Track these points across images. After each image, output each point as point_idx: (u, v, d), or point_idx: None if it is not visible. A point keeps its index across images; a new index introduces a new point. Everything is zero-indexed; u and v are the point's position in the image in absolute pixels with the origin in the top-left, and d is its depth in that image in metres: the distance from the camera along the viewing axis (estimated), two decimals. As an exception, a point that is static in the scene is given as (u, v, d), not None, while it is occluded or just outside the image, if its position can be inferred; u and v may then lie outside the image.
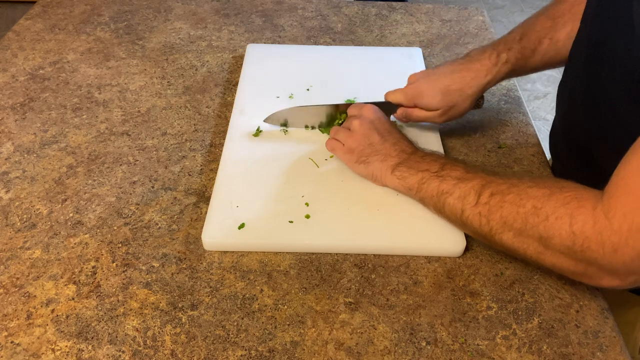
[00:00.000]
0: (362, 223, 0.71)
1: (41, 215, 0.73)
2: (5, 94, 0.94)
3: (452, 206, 0.66)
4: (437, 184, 0.68)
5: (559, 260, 0.58)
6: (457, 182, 0.66)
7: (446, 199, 0.66)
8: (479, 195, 0.63)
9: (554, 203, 0.57)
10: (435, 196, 0.67)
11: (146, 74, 1.01)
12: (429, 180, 0.69)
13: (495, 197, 0.62)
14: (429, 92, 0.80)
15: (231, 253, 0.69)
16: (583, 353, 0.60)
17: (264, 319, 0.62)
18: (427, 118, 0.82)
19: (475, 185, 0.64)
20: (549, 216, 0.57)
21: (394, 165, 0.73)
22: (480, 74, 0.80)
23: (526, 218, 0.59)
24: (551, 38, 0.80)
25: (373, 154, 0.75)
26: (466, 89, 0.80)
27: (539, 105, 2.45)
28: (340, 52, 1.06)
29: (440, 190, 0.67)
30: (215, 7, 1.22)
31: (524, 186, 0.61)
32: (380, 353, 0.59)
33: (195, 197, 0.76)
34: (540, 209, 0.58)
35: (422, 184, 0.69)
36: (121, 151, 0.84)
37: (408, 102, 0.82)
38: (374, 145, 0.75)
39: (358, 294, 0.65)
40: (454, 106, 0.80)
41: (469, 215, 0.64)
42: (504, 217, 0.60)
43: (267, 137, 0.85)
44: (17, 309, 0.63)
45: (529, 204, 0.59)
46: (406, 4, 1.26)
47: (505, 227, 0.61)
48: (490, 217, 0.62)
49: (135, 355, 0.58)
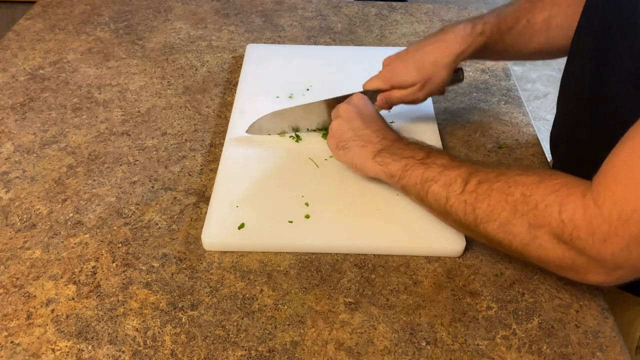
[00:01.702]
0: (361, 223, 0.71)
1: (41, 215, 0.73)
2: (5, 94, 0.94)
3: (436, 194, 0.64)
4: (422, 171, 0.66)
5: (545, 251, 0.57)
6: (442, 169, 0.64)
7: (430, 187, 0.65)
8: (465, 182, 0.62)
9: (543, 190, 0.56)
10: (419, 183, 0.66)
11: (146, 74, 1.01)
12: (413, 167, 0.67)
13: (483, 185, 0.60)
14: (403, 69, 0.80)
15: (231, 253, 0.69)
16: (583, 353, 0.60)
17: (264, 319, 0.62)
18: (407, 96, 0.81)
19: (462, 172, 0.63)
20: (538, 204, 0.56)
21: (375, 152, 0.71)
22: (455, 43, 0.78)
23: (515, 206, 0.57)
24: (528, 20, 0.79)
25: (353, 139, 0.73)
26: (440, 59, 0.78)
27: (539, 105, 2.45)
28: (340, 52, 1.06)
29: (425, 177, 0.65)
30: (215, 7, 1.22)
31: (512, 174, 0.60)
32: (380, 353, 0.59)
33: (195, 197, 0.77)
34: (530, 196, 0.56)
35: (405, 171, 0.68)
36: (121, 151, 0.84)
37: (385, 84, 0.81)
38: (354, 129, 0.74)
39: (358, 294, 0.65)
40: (430, 78, 0.79)
41: (453, 203, 0.62)
42: (492, 205, 0.59)
43: (266, 137, 0.85)
44: (17, 309, 0.63)
45: (518, 191, 0.58)
46: (406, 4, 1.26)
47: (492, 217, 0.59)
48: (476, 205, 0.60)
49: (135, 355, 0.58)
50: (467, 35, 0.78)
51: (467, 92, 0.99)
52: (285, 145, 0.83)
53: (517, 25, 0.79)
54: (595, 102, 0.72)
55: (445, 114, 0.94)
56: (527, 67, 2.69)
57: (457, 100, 0.97)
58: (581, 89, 0.75)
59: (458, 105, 0.96)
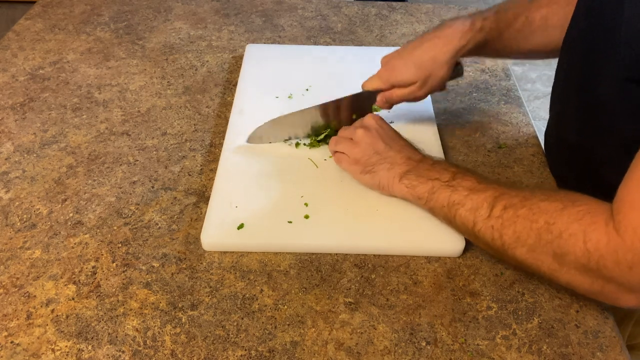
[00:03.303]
0: (361, 223, 0.71)
1: (41, 215, 0.73)
2: (5, 94, 0.94)
3: (464, 218, 0.64)
4: (448, 194, 0.65)
5: (574, 277, 0.56)
6: (469, 192, 0.64)
7: (457, 210, 0.64)
8: (491, 207, 0.61)
9: (566, 218, 0.56)
10: (446, 207, 0.65)
11: (146, 74, 1.01)
12: (440, 189, 0.66)
13: (508, 210, 0.60)
14: (402, 67, 0.79)
15: (231, 253, 0.69)
16: (583, 353, 0.60)
17: (264, 319, 0.62)
18: (407, 95, 0.80)
19: (488, 197, 0.62)
20: (562, 232, 0.55)
21: (401, 173, 0.71)
22: (453, 39, 0.77)
23: (539, 234, 0.57)
24: (527, 17, 0.79)
25: (379, 163, 0.73)
26: (439, 55, 0.77)
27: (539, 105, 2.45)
28: (340, 52, 1.06)
29: (452, 200, 0.65)
30: (215, 7, 1.22)
31: (536, 199, 0.59)
32: (380, 353, 0.59)
33: (195, 197, 0.76)
34: (553, 224, 0.56)
35: (432, 194, 0.67)
36: (121, 151, 0.84)
37: (385, 84, 0.80)
38: (379, 153, 0.73)
39: (358, 294, 0.65)
40: (430, 76, 0.78)
41: (480, 228, 0.62)
42: (517, 232, 0.59)
43: (267, 137, 0.85)
44: (17, 309, 0.63)
45: (542, 219, 0.57)
46: (406, 4, 1.26)
47: (519, 243, 0.59)
48: (503, 231, 0.60)
49: (135, 355, 0.58)
50: (466, 31, 0.77)
51: (467, 92, 0.99)
52: (285, 145, 0.83)
53: (516, 22, 0.79)
54: (582, 105, 0.72)
55: (445, 114, 0.94)
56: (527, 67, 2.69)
57: (457, 100, 0.97)
58: (569, 91, 0.75)
59: (458, 105, 0.96)
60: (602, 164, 0.71)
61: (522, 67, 2.68)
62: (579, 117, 0.73)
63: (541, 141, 0.89)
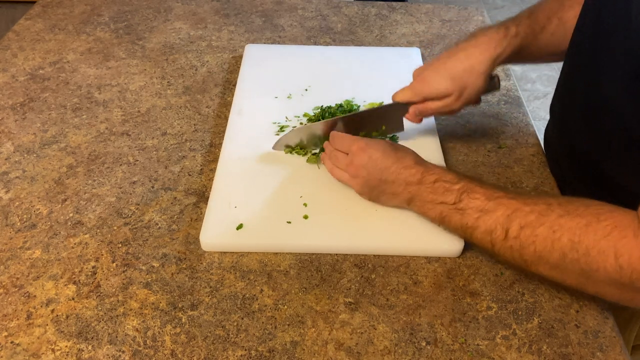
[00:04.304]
0: (360, 223, 0.71)
1: (41, 215, 0.73)
2: (5, 94, 0.94)
3: (480, 239, 0.62)
4: (459, 218, 0.63)
5: (603, 289, 0.56)
6: (479, 215, 0.62)
7: (472, 233, 0.63)
8: (506, 229, 0.59)
9: (592, 235, 0.54)
10: (460, 230, 0.64)
11: (146, 74, 1.01)
12: (449, 214, 0.64)
13: (525, 230, 0.58)
14: (436, 79, 0.75)
15: (231, 253, 0.69)
16: (583, 353, 0.60)
17: (264, 319, 0.62)
18: (442, 108, 0.77)
19: (500, 217, 0.60)
20: (590, 250, 0.54)
21: (407, 200, 0.69)
22: (489, 48, 0.74)
23: (564, 253, 0.56)
24: (560, 18, 0.77)
25: (381, 195, 0.71)
26: (476, 65, 0.74)
27: (539, 105, 2.45)
28: (340, 52, 1.06)
29: (464, 224, 0.63)
30: (215, 7, 1.22)
31: (554, 216, 0.57)
32: (380, 353, 0.59)
33: (195, 197, 0.76)
34: (579, 242, 0.54)
35: (443, 218, 0.65)
36: (121, 151, 0.84)
37: (417, 97, 0.77)
38: (376, 188, 0.70)
39: (358, 294, 0.65)
40: (466, 87, 0.75)
41: (499, 249, 0.61)
42: (538, 251, 0.57)
43: (265, 137, 0.84)
44: (17, 309, 0.63)
45: (565, 237, 0.55)
46: (406, 4, 1.26)
47: (541, 261, 0.58)
48: (522, 251, 0.59)
49: (135, 355, 0.58)
50: (501, 38, 0.75)
51: (467, 92, 0.99)
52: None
53: (550, 25, 0.77)
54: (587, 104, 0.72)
55: (445, 114, 0.94)
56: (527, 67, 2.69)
57: (457, 100, 0.97)
58: (574, 90, 0.75)
59: (458, 105, 0.96)
60: (605, 164, 0.71)
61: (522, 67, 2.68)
62: (583, 118, 0.73)
63: (541, 141, 0.89)
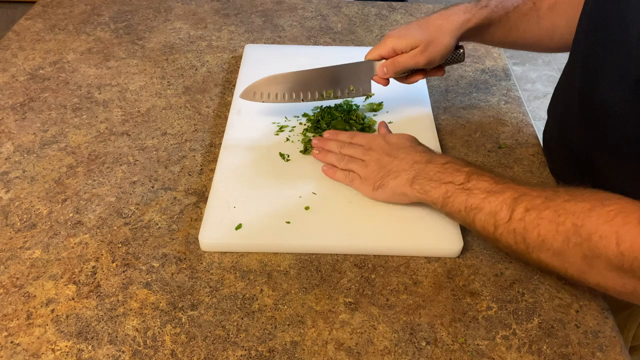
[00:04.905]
0: (360, 223, 0.71)
1: (41, 215, 0.73)
2: (5, 94, 0.94)
3: (483, 222, 0.62)
4: (464, 198, 0.63)
5: (604, 279, 0.55)
6: (486, 195, 0.61)
7: (476, 215, 0.62)
8: (512, 210, 0.59)
9: (595, 220, 0.53)
10: (464, 211, 0.63)
11: (146, 74, 1.01)
12: (455, 194, 0.64)
13: (531, 213, 0.58)
14: (406, 31, 0.80)
15: (231, 253, 0.69)
16: (583, 353, 0.60)
17: (264, 319, 0.62)
18: (409, 60, 0.80)
19: (507, 199, 0.60)
20: (592, 234, 0.53)
21: (410, 179, 0.68)
22: (459, 12, 0.79)
23: (567, 237, 0.55)
24: (535, 2, 0.80)
25: (386, 176, 0.71)
26: (444, 24, 0.79)
27: (539, 105, 2.45)
28: (340, 52, 1.06)
29: (469, 205, 0.63)
30: (215, 7, 1.22)
31: (560, 200, 0.57)
32: (380, 353, 0.59)
33: (195, 197, 0.76)
34: (582, 226, 0.54)
35: (447, 198, 0.65)
36: (121, 151, 0.84)
37: (388, 51, 0.80)
38: (384, 167, 0.72)
39: (358, 294, 0.65)
40: (433, 41, 0.78)
41: (502, 232, 0.60)
42: (542, 235, 0.57)
43: (264, 137, 0.85)
44: (17, 309, 0.63)
45: (569, 221, 0.55)
46: (406, 4, 1.26)
47: (544, 246, 0.57)
48: (526, 235, 0.58)
49: (135, 355, 0.58)
50: (471, 7, 0.80)
51: (467, 92, 0.99)
52: (283, 145, 0.83)
53: (524, 6, 0.80)
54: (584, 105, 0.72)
55: (445, 114, 0.94)
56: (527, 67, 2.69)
57: (457, 100, 0.97)
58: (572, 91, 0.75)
59: (458, 105, 0.96)
60: (604, 165, 0.71)
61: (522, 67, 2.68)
62: (580, 118, 0.73)
63: (541, 141, 0.89)
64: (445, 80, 1.02)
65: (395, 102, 0.91)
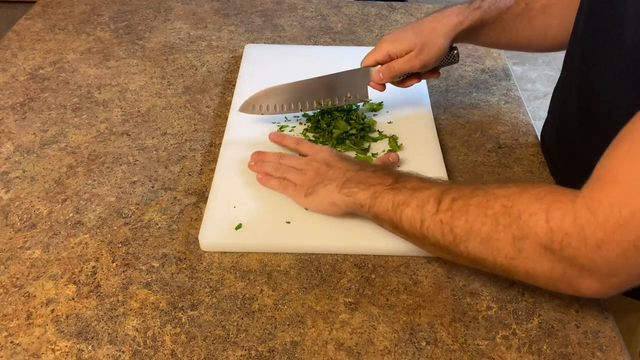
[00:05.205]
0: (359, 223, 0.71)
1: (41, 215, 0.73)
2: (5, 94, 0.94)
3: (410, 217, 0.61)
4: (392, 196, 0.63)
5: (533, 264, 0.54)
6: (413, 191, 0.62)
7: (403, 211, 0.61)
8: (439, 201, 0.59)
9: (526, 199, 0.53)
10: (391, 209, 0.63)
11: (146, 74, 1.01)
12: (382, 193, 0.64)
13: (458, 201, 0.58)
14: (401, 35, 0.80)
15: (231, 253, 0.69)
16: (583, 353, 0.60)
17: (264, 319, 0.62)
18: (405, 64, 0.80)
19: (434, 192, 0.60)
20: (522, 214, 0.52)
21: (340, 185, 0.68)
22: (452, 14, 0.80)
23: (496, 219, 0.54)
24: (527, 3, 0.81)
25: (319, 183, 0.70)
26: (438, 26, 0.79)
27: (539, 105, 2.45)
28: (340, 52, 1.06)
29: (396, 202, 0.62)
30: (215, 7, 1.22)
31: (489, 188, 0.57)
32: (380, 353, 0.59)
33: (195, 197, 0.77)
34: (511, 207, 0.53)
35: (374, 199, 0.64)
36: (121, 151, 0.84)
37: (383, 56, 0.81)
38: (320, 175, 0.71)
39: (358, 294, 0.65)
40: (427, 44, 0.79)
41: (429, 225, 0.59)
42: (470, 221, 0.56)
43: (263, 136, 0.84)
44: (17, 309, 0.63)
45: (498, 203, 0.54)
46: (406, 4, 1.26)
47: (472, 233, 0.56)
48: (453, 223, 0.57)
49: (135, 355, 0.58)
50: (464, 8, 0.80)
51: (467, 92, 0.99)
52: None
53: (516, 7, 0.81)
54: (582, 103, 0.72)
55: (445, 114, 0.94)
56: (527, 67, 2.69)
57: (457, 100, 0.97)
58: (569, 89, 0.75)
59: (458, 105, 0.96)
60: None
61: (522, 67, 2.68)
62: (579, 116, 0.73)
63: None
64: (445, 80, 1.02)
65: (395, 102, 0.91)
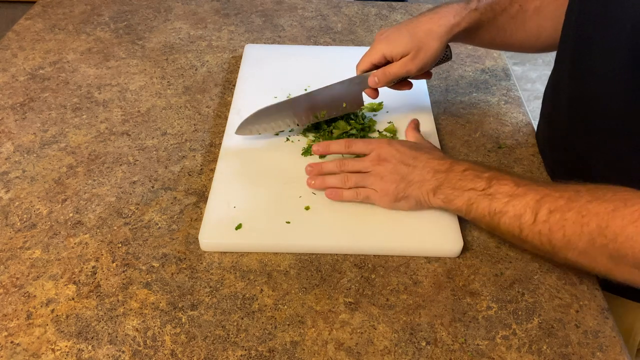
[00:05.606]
0: (359, 223, 0.71)
1: (41, 215, 0.73)
2: (5, 94, 0.94)
3: (508, 225, 0.63)
4: (487, 203, 0.64)
5: (631, 275, 0.56)
6: (509, 199, 0.62)
7: (500, 219, 0.63)
8: (535, 213, 0.60)
9: (619, 221, 0.54)
10: (488, 216, 0.64)
11: (146, 74, 1.01)
12: (478, 200, 0.65)
13: (555, 214, 0.59)
14: (396, 36, 0.79)
15: (231, 253, 0.69)
16: (583, 353, 0.60)
17: (264, 319, 0.62)
18: (400, 69, 0.79)
19: (530, 201, 0.61)
20: (618, 236, 0.54)
21: (433, 189, 0.69)
22: (449, 15, 0.78)
23: (592, 238, 0.56)
24: (522, 5, 0.81)
25: (408, 186, 0.70)
26: (435, 28, 0.78)
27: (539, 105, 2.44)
28: (340, 52, 1.06)
29: (492, 209, 0.63)
30: (215, 7, 1.22)
31: (583, 201, 0.58)
32: (380, 353, 0.59)
33: (195, 197, 0.77)
34: (606, 228, 0.55)
35: (470, 205, 0.65)
36: (121, 151, 0.84)
37: (378, 58, 0.80)
38: (405, 178, 0.70)
39: (358, 294, 0.65)
40: (422, 47, 0.78)
41: (527, 234, 0.61)
42: (567, 236, 0.58)
43: (264, 137, 0.84)
44: (17, 309, 0.63)
45: (593, 222, 0.56)
46: (406, 4, 1.26)
47: (570, 246, 0.58)
48: (551, 236, 0.59)
49: (135, 355, 0.58)
50: (461, 9, 0.79)
51: (467, 92, 0.99)
52: (283, 145, 0.83)
53: (511, 8, 0.80)
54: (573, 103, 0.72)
55: (445, 114, 0.94)
56: (527, 67, 2.69)
57: (457, 100, 0.97)
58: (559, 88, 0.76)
59: (458, 106, 0.96)
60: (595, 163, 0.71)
61: (522, 67, 2.68)
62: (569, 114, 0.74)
63: (541, 141, 0.89)
64: (445, 80, 1.02)
65: (395, 102, 0.91)
